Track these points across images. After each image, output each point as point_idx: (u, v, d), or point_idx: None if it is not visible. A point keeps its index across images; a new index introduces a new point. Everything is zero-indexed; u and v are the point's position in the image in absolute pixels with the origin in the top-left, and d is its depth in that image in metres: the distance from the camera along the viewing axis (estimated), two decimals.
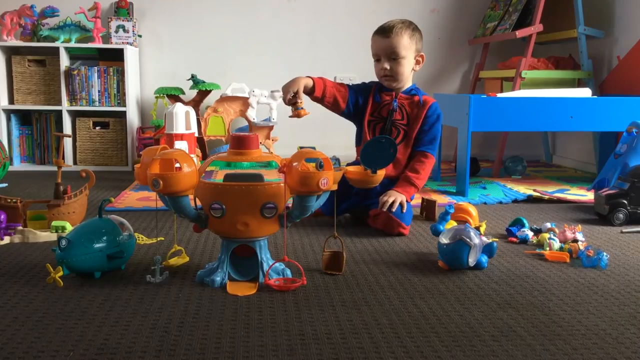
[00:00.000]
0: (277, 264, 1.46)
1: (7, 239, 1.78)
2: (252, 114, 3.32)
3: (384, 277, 1.50)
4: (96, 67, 3.34)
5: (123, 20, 3.38)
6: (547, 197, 2.52)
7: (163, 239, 1.83)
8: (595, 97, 2.83)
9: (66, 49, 3.33)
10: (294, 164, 1.34)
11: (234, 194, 1.38)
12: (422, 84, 3.77)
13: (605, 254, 1.59)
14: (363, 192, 1.98)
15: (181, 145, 2.61)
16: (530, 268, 1.59)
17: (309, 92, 1.99)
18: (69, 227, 1.82)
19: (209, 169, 3.00)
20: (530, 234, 1.86)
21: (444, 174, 3.15)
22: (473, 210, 2.05)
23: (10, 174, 3.03)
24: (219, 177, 2.87)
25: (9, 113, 3.37)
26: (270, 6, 3.65)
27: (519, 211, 2.30)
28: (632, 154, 2.34)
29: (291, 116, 1.96)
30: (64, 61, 3.31)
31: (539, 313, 1.27)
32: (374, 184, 1.53)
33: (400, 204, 1.90)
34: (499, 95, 2.72)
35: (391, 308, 1.29)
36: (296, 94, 1.92)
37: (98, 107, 3.35)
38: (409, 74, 2.03)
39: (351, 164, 1.85)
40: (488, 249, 1.60)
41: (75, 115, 3.41)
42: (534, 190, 2.65)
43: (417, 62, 2.03)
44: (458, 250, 1.52)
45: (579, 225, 1.85)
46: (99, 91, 3.34)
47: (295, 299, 1.34)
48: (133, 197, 2.48)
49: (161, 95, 3.34)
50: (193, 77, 3.37)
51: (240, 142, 1.42)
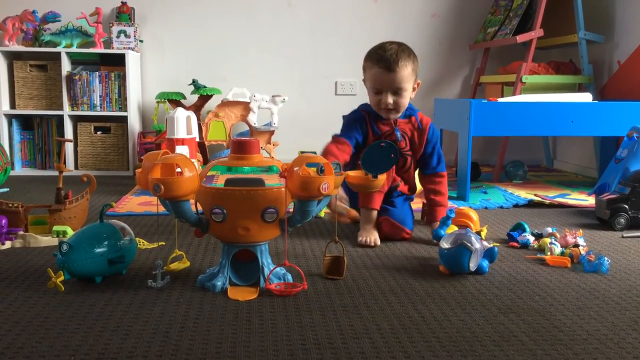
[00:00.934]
0: (278, 268, 1.46)
1: (8, 244, 1.78)
2: (253, 118, 3.32)
3: (384, 281, 1.50)
4: (97, 72, 3.35)
5: (124, 26, 3.39)
6: (548, 201, 2.52)
7: (164, 243, 1.83)
8: (596, 101, 2.83)
9: (68, 54, 3.34)
10: (295, 168, 1.34)
11: (235, 198, 1.38)
12: (423, 89, 3.80)
13: (606, 258, 1.59)
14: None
15: (182, 150, 2.61)
16: (532, 273, 1.59)
17: None
18: (70, 232, 1.83)
19: (210, 173, 3.00)
20: (532, 238, 1.86)
21: None
22: (474, 215, 2.05)
23: (11, 178, 3.03)
24: (220, 182, 2.87)
25: (10, 118, 3.38)
26: (271, 11, 3.66)
27: (520, 216, 2.30)
28: (632, 158, 2.34)
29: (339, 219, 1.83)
30: (66, 66, 3.32)
31: (540, 318, 1.27)
32: (374, 188, 1.53)
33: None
34: (500, 100, 2.72)
35: (392, 313, 1.29)
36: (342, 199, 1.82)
37: (99, 112, 3.36)
38: (406, 102, 1.94)
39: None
40: (489, 254, 1.60)
41: (76, 120, 3.42)
42: (535, 195, 2.65)
43: (414, 89, 1.95)
44: (459, 255, 1.52)
45: (580, 230, 1.85)
46: (100, 96, 3.35)
47: (296, 303, 1.34)
48: (134, 202, 2.49)
49: (162, 100, 3.35)
50: (194, 82, 3.38)
51: (241, 146, 1.42)
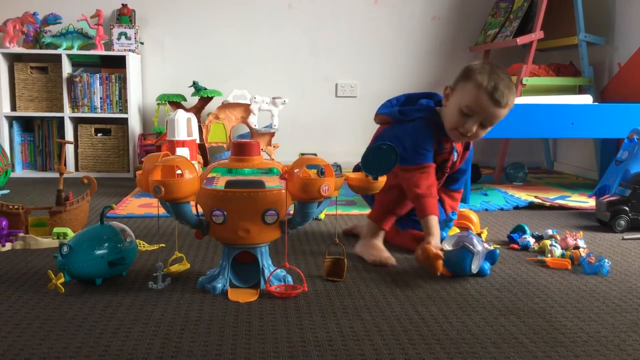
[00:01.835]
0: (278, 270, 1.46)
1: (8, 246, 1.78)
2: (253, 120, 3.32)
3: (385, 283, 1.50)
4: (98, 74, 3.35)
5: (125, 28, 3.39)
6: (548, 203, 2.52)
7: (164, 245, 1.83)
8: (596, 104, 2.83)
9: (68, 56, 3.34)
10: (295, 170, 1.34)
11: (236, 200, 1.38)
12: (423, 91, 3.81)
13: (607, 260, 1.59)
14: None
15: (183, 152, 2.61)
16: (532, 275, 1.59)
17: None
18: (70, 234, 1.83)
19: (210, 175, 3.01)
20: (532, 240, 1.85)
21: None
22: (474, 217, 2.05)
23: (12, 180, 3.03)
24: (220, 184, 2.87)
25: (11, 120, 3.38)
26: (271, 13, 3.66)
27: (521, 218, 2.30)
28: (633, 160, 2.34)
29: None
30: (66, 68, 3.32)
31: (540, 320, 1.27)
32: (374, 190, 1.53)
33: None
34: None
35: (392, 314, 1.29)
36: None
37: (100, 113, 3.36)
38: None
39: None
40: (490, 256, 1.59)
41: (77, 122, 3.42)
42: (535, 197, 2.65)
43: None
44: (461, 257, 1.52)
45: (581, 232, 1.85)
46: (100, 98, 3.35)
47: (297, 305, 1.34)
48: (134, 204, 2.49)
49: (163, 102, 3.35)
50: (195, 84, 3.38)
51: (242, 148, 1.42)
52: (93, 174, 3.25)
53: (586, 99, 2.80)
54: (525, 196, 2.68)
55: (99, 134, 3.40)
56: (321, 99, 3.75)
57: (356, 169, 1.84)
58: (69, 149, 3.34)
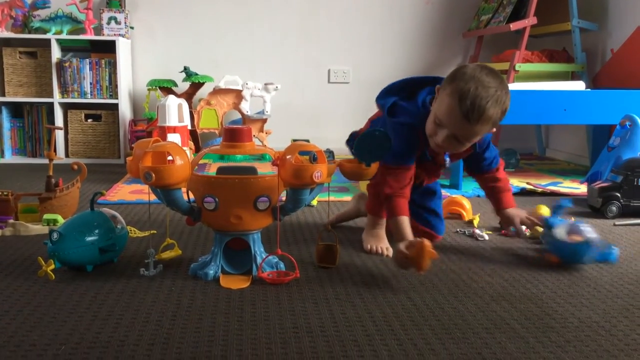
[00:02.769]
0: (271, 257, 1.45)
1: None
2: (245, 106, 3.30)
3: (377, 270, 1.50)
4: (88, 59, 3.31)
5: (115, 12, 3.35)
6: (540, 189, 2.53)
7: (155, 232, 1.82)
8: (589, 90, 2.83)
9: (57, 40, 3.30)
10: (288, 156, 1.34)
11: (227, 187, 1.37)
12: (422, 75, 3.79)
13: (615, 248, 1.60)
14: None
15: (174, 138, 2.60)
16: (524, 261, 1.59)
17: None
18: (60, 220, 1.81)
19: (202, 161, 2.98)
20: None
21: None
22: (467, 203, 2.06)
23: (1, 166, 3.01)
24: (212, 170, 2.85)
25: (0, 105, 3.34)
26: None
27: None
28: (625, 146, 2.35)
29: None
30: (56, 53, 3.28)
31: (532, 305, 1.27)
32: (367, 176, 1.52)
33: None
34: None
35: (384, 301, 1.29)
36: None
37: (90, 99, 3.33)
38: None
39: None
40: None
41: (67, 107, 3.39)
42: (527, 183, 2.66)
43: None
44: (584, 250, 1.51)
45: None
46: (90, 83, 3.32)
47: (289, 292, 1.34)
48: (125, 190, 2.47)
49: (153, 87, 3.32)
50: (186, 70, 3.35)
51: (234, 134, 1.41)
52: (83, 160, 3.23)
53: (579, 85, 2.80)
54: (518, 182, 2.69)
55: (89, 120, 3.37)
56: (314, 85, 3.73)
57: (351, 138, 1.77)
58: (59, 135, 3.31)
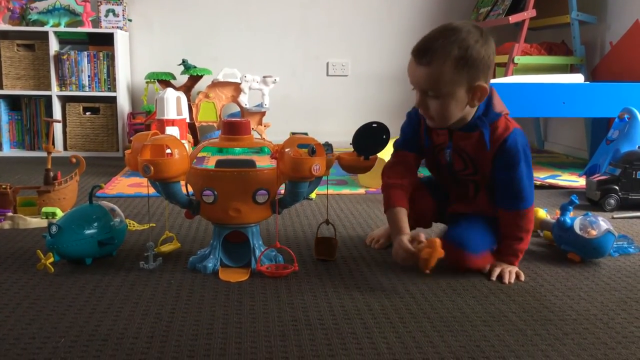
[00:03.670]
0: (269, 250, 1.46)
1: None
2: (244, 99, 3.30)
3: (375, 263, 1.50)
4: (86, 52, 3.30)
5: (113, 4, 3.34)
6: (538, 182, 2.53)
7: (154, 225, 1.82)
8: (588, 83, 2.82)
9: (55, 33, 3.29)
10: (286, 149, 1.34)
11: (226, 180, 1.37)
12: None
13: (635, 243, 1.61)
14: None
15: (172, 131, 2.59)
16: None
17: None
18: (59, 213, 1.81)
19: (200, 155, 2.99)
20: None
21: None
22: None
23: None
24: (210, 163, 2.85)
25: None
26: None
27: None
28: (623, 139, 2.35)
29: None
30: (54, 46, 3.27)
31: (530, 298, 1.28)
32: (366, 170, 1.52)
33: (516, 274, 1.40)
34: (492, 81, 2.71)
35: (383, 293, 1.29)
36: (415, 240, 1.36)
37: (88, 92, 3.32)
38: (460, 113, 1.35)
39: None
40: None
41: (65, 100, 3.38)
42: None
43: (474, 96, 1.34)
44: (606, 242, 1.49)
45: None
46: (88, 76, 3.31)
47: (288, 285, 1.34)
48: (124, 183, 2.47)
49: (152, 80, 3.31)
50: (184, 62, 3.34)
51: (232, 128, 1.41)
52: (82, 153, 3.22)
53: (577, 78, 2.80)
54: None
55: (88, 113, 3.37)
56: (312, 78, 3.73)
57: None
58: (57, 128, 3.31)
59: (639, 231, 1.84)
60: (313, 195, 2.23)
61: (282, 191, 1.43)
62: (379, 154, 1.51)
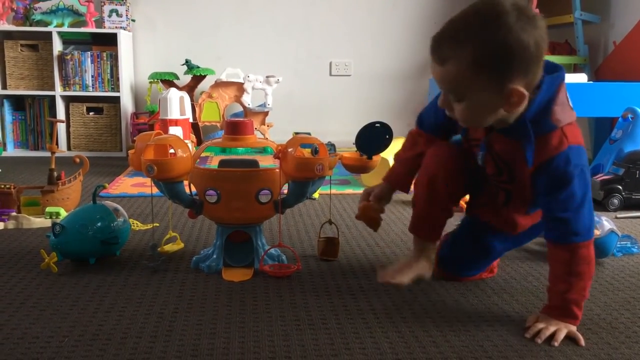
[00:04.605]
0: (272, 249, 1.46)
1: (1, 225, 1.77)
2: (247, 99, 3.30)
3: (378, 262, 1.50)
4: (89, 52, 3.31)
5: (116, 5, 3.34)
6: None
7: (158, 225, 1.83)
8: (591, 82, 2.82)
9: (59, 33, 3.30)
10: (289, 149, 1.34)
11: (229, 180, 1.37)
12: (416, 71, 3.78)
13: (639, 243, 1.60)
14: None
15: (176, 130, 2.59)
16: (525, 254, 1.59)
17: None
18: (63, 213, 1.82)
19: (203, 154, 2.98)
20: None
21: None
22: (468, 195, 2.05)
23: (3, 159, 3.01)
24: (214, 163, 2.85)
25: (2, 98, 3.35)
26: None
27: None
28: (627, 139, 2.34)
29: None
30: (57, 46, 3.28)
31: (533, 298, 1.28)
32: (369, 169, 1.52)
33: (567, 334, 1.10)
34: None
35: (385, 293, 1.29)
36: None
37: (92, 92, 3.33)
38: (491, 118, 1.08)
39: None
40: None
41: (68, 100, 3.39)
42: None
43: (508, 101, 1.04)
44: (609, 242, 1.50)
45: None
46: (92, 76, 3.32)
47: (290, 284, 1.34)
48: (127, 183, 2.47)
49: (155, 80, 3.32)
50: (187, 62, 3.34)
51: (235, 127, 1.41)
52: (85, 153, 3.23)
53: (581, 77, 2.79)
54: None
55: (91, 113, 3.37)
56: (315, 78, 3.72)
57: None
58: (61, 128, 3.31)
59: None
60: (316, 195, 2.23)
61: (285, 191, 1.43)
62: (382, 154, 1.52)
